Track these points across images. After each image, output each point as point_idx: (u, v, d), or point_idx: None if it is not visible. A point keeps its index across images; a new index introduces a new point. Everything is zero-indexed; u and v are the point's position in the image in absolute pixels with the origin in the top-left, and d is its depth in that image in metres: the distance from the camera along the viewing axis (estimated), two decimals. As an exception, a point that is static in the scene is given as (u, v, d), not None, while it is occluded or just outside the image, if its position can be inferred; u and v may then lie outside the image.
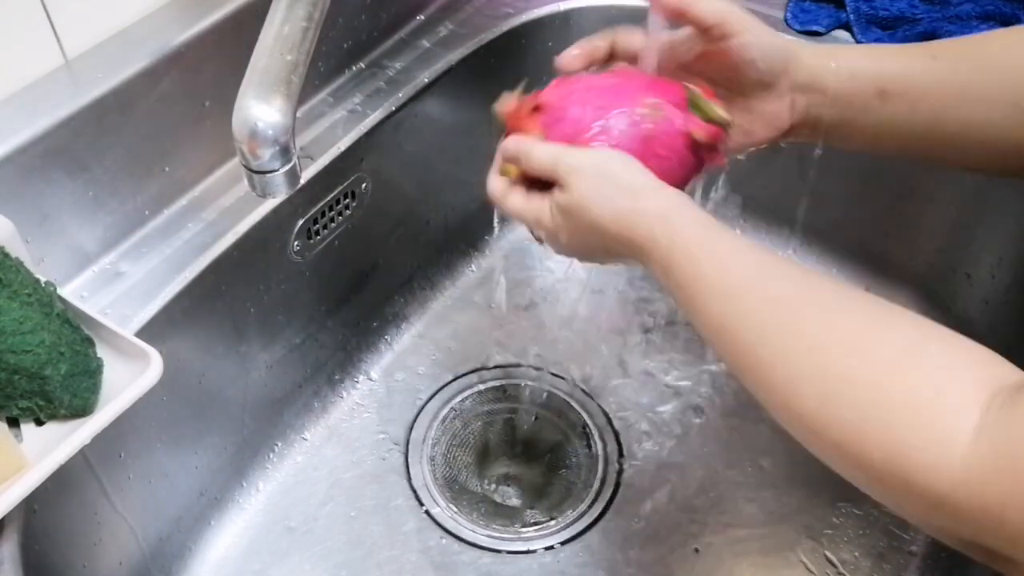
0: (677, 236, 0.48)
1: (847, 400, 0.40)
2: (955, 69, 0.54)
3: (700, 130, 0.53)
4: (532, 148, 0.53)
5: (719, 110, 0.53)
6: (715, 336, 0.47)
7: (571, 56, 0.58)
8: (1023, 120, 0.52)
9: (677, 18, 0.55)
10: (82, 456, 0.57)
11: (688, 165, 0.54)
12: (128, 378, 0.50)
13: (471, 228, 0.91)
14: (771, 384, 0.44)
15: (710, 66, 0.56)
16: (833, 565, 0.71)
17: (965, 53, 0.54)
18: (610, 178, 0.50)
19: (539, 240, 0.56)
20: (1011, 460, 0.35)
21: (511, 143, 0.54)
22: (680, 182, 0.54)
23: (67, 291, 0.55)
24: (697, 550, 0.72)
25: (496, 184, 0.55)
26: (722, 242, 0.48)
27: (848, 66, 0.55)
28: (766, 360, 0.44)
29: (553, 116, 0.54)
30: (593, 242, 0.52)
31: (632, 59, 0.57)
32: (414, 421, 0.80)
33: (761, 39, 0.55)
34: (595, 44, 0.58)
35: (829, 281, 0.46)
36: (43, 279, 0.51)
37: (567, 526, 0.74)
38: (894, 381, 0.40)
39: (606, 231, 0.50)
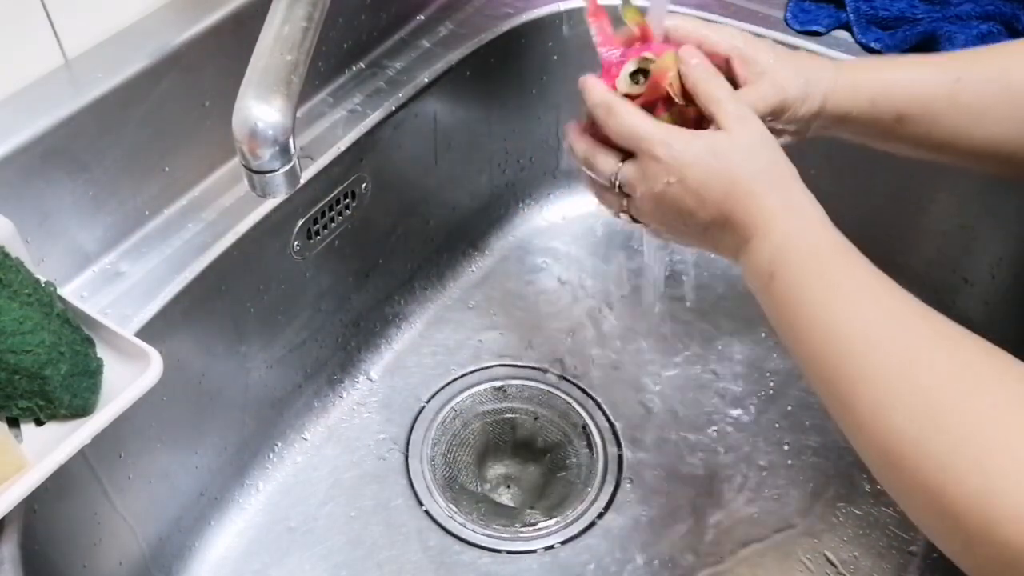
0: (799, 221, 0.47)
1: (941, 427, 0.38)
2: (975, 93, 0.53)
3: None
4: (715, 78, 0.51)
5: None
6: (811, 341, 0.45)
7: None
8: None
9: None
10: (82, 456, 0.57)
11: None
12: (128, 378, 0.50)
13: (471, 228, 0.91)
14: (861, 391, 0.41)
15: None
16: (833, 565, 0.71)
17: (987, 74, 0.53)
18: (769, 146, 0.49)
19: (614, 190, 0.52)
20: None
21: (694, 58, 0.51)
22: None
23: (67, 291, 0.55)
24: (697, 550, 0.72)
25: (607, 91, 0.51)
26: (840, 241, 0.47)
27: (868, 94, 0.54)
28: (867, 374, 0.42)
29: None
30: (711, 192, 0.48)
31: None
32: (414, 421, 0.80)
33: (773, 88, 0.53)
34: None
35: (939, 322, 0.44)
36: (43, 279, 0.51)
37: (567, 526, 0.74)
38: (994, 423, 0.38)
39: (735, 184, 0.48)
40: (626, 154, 0.52)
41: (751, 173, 0.48)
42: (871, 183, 0.82)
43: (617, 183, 0.52)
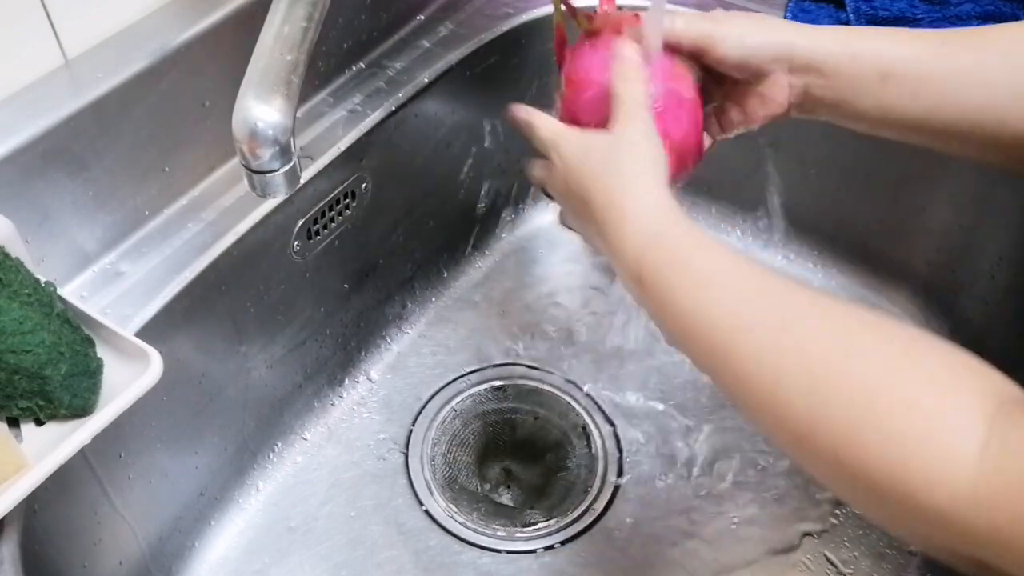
0: (663, 233, 0.48)
1: (840, 401, 0.38)
2: (960, 55, 0.53)
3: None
4: (536, 120, 0.55)
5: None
6: (688, 334, 0.45)
7: None
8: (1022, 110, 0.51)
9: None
10: (82, 456, 0.57)
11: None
12: (128, 378, 0.50)
13: (471, 228, 0.91)
14: (754, 383, 0.42)
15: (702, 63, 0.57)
16: (833, 565, 0.71)
17: (973, 41, 0.53)
18: (634, 147, 0.50)
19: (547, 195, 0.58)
20: (1022, 480, 0.34)
21: (520, 109, 0.56)
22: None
23: (67, 291, 0.55)
24: (697, 550, 0.72)
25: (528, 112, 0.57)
26: (709, 241, 0.47)
27: (850, 48, 0.54)
28: (750, 356, 0.42)
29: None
30: (578, 205, 0.52)
31: None
32: (414, 421, 0.80)
33: (744, 41, 0.54)
34: None
35: (817, 289, 0.44)
36: (43, 279, 0.51)
37: (567, 526, 0.74)
38: (893, 384, 0.38)
39: (589, 197, 0.50)
40: None
41: (610, 171, 0.50)
42: (871, 183, 0.82)
43: (541, 185, 0.57)
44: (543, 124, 0.55)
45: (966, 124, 0.53)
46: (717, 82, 0.57)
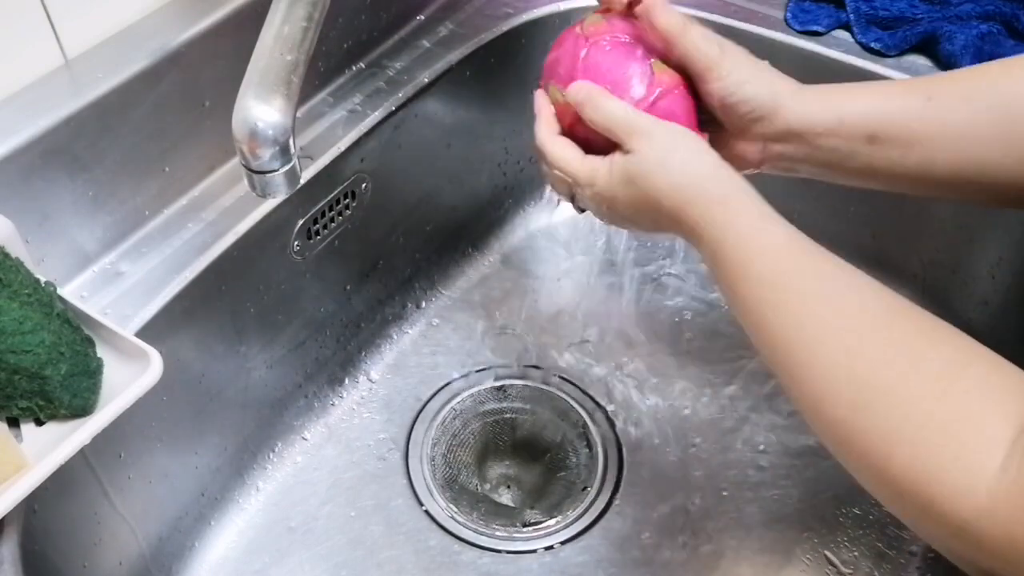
0: (732, 223, 0.48)
1: (879, 412, 0.40)
2: (949, 110, 0.52)
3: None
4: (607, 100, 0.52)
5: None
6: (754, 327, 0.46)
7: None
8: (1017, 158, 0.50)
9: (666, 45, 0.54)
10: (82, 456, 0.57)
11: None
12: (128, 378, 0.50)
13: (471, 228, 0.91)
14: (804, 384, 0.43)
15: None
16: (833, 565, 0.71)
17: (960, 92, 0.52)
18: (679, 152, 0.50)
19: (579, 209, 0.56)
20: None
21: (584, 87, 0.53)
22: None
23: (67, 291, 0.55)
24: (697, 550, 0.72)
25: (546, 133, 0.55)
26: (776, 235, 0.47)
27: (837, 112, 0.53)
28: (803, 358, 0.43)
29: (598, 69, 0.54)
30: (645, 212, 0.51)
31: None
32: (414, 421, 0.80)
33: (744, 88, 0.53)
34: None
35: (879, 287, 0.45)
36: (43, 279, 0.51)
37: (567, 526, 0.74)
38: (928, 400, 0.39)
39: (660, 204, 0.50)
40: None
41: (669, 189, 0.50)
42: (871, 183, 0.82)
43: (577, 205, 0.57)
44: (567, 160, 0.54)
45: (959, 178, 0.52)
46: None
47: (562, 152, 0.54)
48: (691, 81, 0.55)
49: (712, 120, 0.56)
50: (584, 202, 0.55)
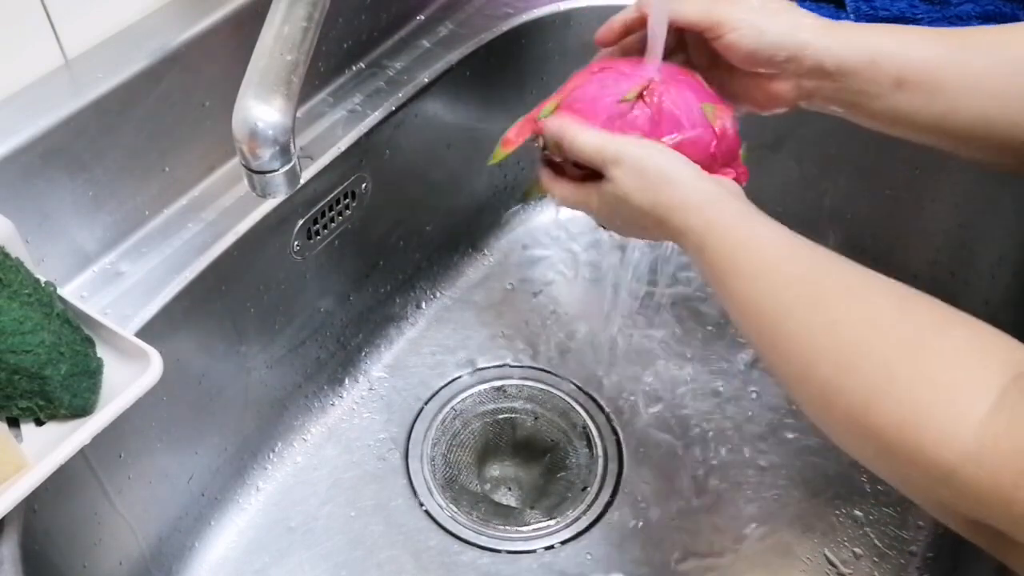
0: (712, 224, 0.50)
1: (863, 371, 0.41)
2: (979, 61, 0.52)
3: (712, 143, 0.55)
4: (577, 134, 0.55)
5: (723, 115, 0.55)
6: (742, 316, 0.48)
7: (608, 29, 0.59)
8: None
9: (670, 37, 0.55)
10: (82, 456, 0.57)
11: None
12: (128, 378, 0.50)
13: (471, 228, 0.91)
14: (790, 357, 0.45)
15: (710, 57, 0.57)
16: (833, 565, 0.71)
17: (991, 44, 0.53)
18: (649, 170, 0.52)
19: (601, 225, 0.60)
20: None
21: (555, 123, 0.56)
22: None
23: (67, 291, 0.55)
24: (697, 550, 0.72)
25: (547, 178, 0.59)
26: (755, 227, 0.49)
27: (869, 52, 0.53)
28: (789, 335, 0.45)
29: (577, 103, 0.56)
30: (637, 225, 0.55)
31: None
32: (414, 421, 0.80)
33: (760, 38, 0.54)
34: (628, 15, 0.58)
35: (858, 266, 0.47)
36: (43, 279, 0.51)
37: (567, 526, 0.74)
38: (913, 356, 0.40)
39: (646, 218, 0.53)
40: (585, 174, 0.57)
41: (650, 206, 0.52)
42: (871, 183, 0.82)
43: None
44: (568, 194, 0.58)
45: (979, 129, 0.53)
46: (725, 69, 0.57)
47: (561, 192, 0.58)
48: (697, 55, 0.56)
49: (736, 73, 0.57)
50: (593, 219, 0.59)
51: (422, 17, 0.80)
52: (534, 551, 0.72)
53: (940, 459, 0.38)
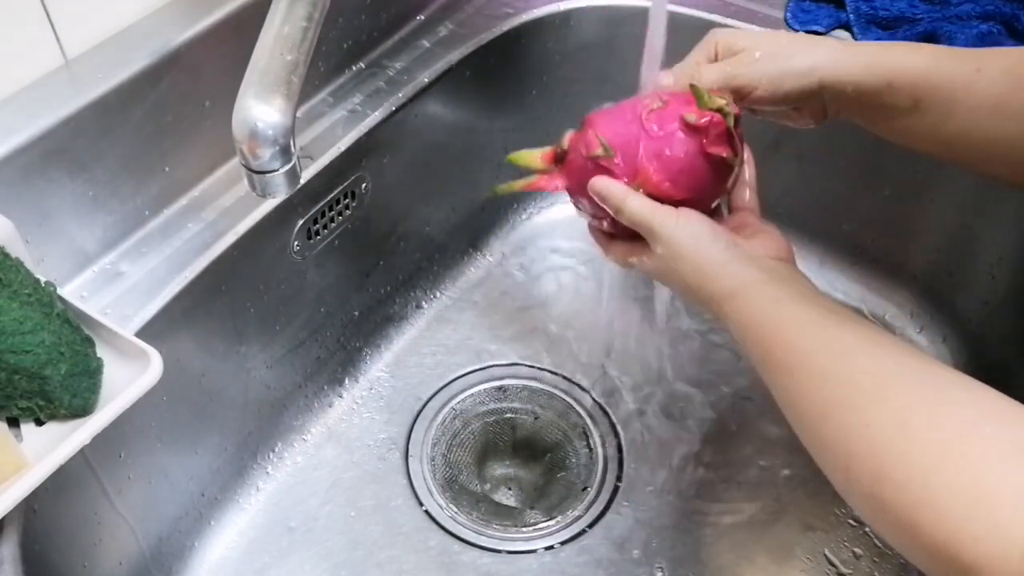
0: (743, 315, 0.51)
1: (900, 483, 0.40)
2: (994, 83, 0.53)
3: (693, 114, 0.53)
4: (627, 199, 0.55)
5: (718, 99, 0.54)
6: (787, 409, 0.48)
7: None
8: None
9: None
10: (82, 456, 0.57)
11: (694, 157, 0.54)
12: (128, 378, 0.50)
13: (471, 228, 0.91)
14: (834, 463, 0.44)
15: None
16: (833, 565, 0.71)
17: (1008, 67, 0.53)
18: (690, 251, 0.53)
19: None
20: None
21: (600, 185, 0.56)
22: (693, 177, 0.54)
23: (67, 291, 0.55)
24: (697, 550, 0.72)
25: (601, 238, 0.61)
26: (788, 316, 0.49)
27: (886, 76, 0.55)
28: (828, 438, 0.44)
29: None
30: (682, 292, 0.56)
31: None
32: (414, 421, 0.80)
33: (780, 86, 0.55)
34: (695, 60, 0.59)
35: (891, 348, 0.46)
36: (43, 279, 0.51)
37: (567, 526, 0.74)
38: (946, 465, 0.39)
39: (689, 289, 0.54)
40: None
41: (687, 275, 0.54)
42: (871, 183, 0.82)
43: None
44: (641, 203, 0.56)
45: (996, 147, 0.53)
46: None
47: (614, 248, 0.60)
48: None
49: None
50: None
51: (422, 17, 0.80)
52: (534, 551, 0.72)
53: None
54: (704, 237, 0.53)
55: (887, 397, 0.43)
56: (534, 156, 0.61)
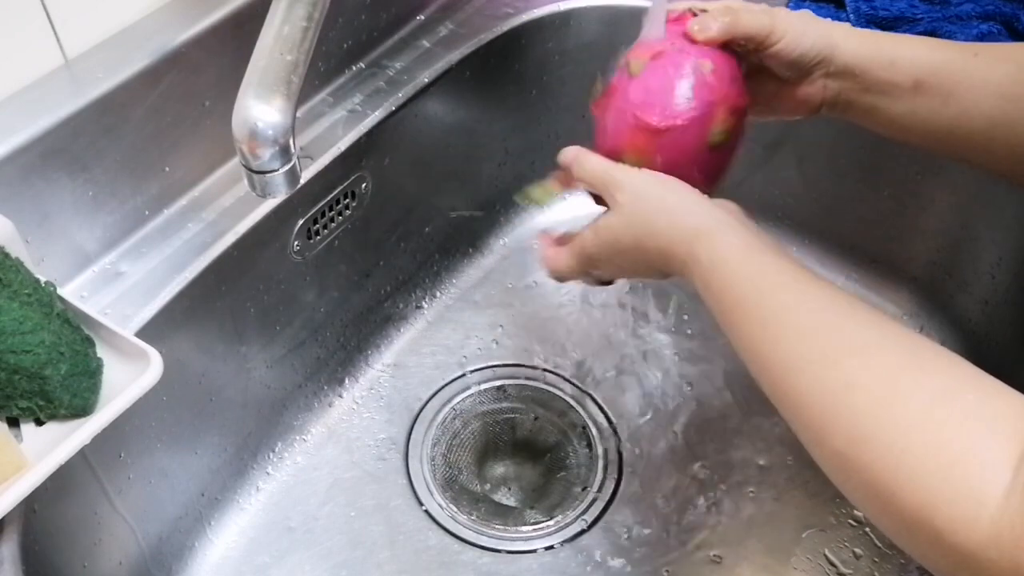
0: (716, 255, 0.49)
1: (878, 445, 0.40)
2: (992, 67, 0.54)
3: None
4: (586, 158, 0.56)
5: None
6: (752, 360, 0.47)
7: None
8: None
9: (728, 40, 0.56)
10: (82, 456, 0.57)
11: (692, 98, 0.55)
12: (128, 378, 0.50)
13: (471, 228, 0.91)
14: (805, 418, 0.44)
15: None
16: (833, 565, 0.71)
17: (1006, 54, 0.55)
18: (649, 197, 0.52)
19: (602, 282, 0.60)
20: None
21: (570, 151, 0.57)
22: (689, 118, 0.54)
23: (67, 291, 0.55)
24: (697, 550, 0.72)
25: (549, 255, 0.59)
26: (762, 264, 0.48)
27: (889, 54, 0.56)
28: (801, 392, 0.44)
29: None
30: (637, 259, 0.54)
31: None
32: (414, 421, 0.80)
33: (802, 40, 0.56)
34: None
35: (870, 313, 0.45)
36: (43, 279, 0.51)
37: (567, 526, 0.74)
38: (926, 429, 0.39)
39: (647, 249, 0.52)
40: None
41: (654, 235, 0.52)
42: (871, 183, 0.82)
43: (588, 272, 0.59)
44: (598, 160, 0.56)
45: (994, 134, 0.54)
46: (754, 79, 0.58)
47: (555, 257, 0.59)
48: (746, 53, 0.57)
49: (774, 73, 0.58)
50: (599, 275, 0.59)
51: (422, 17, 0.80)
52: (534, 551, 0.72)
53: (958, 545, 0.36)
54: (672, 182, 0.53)
55: (870, 358, 0.42)
56: (546, 188, 0.62)
